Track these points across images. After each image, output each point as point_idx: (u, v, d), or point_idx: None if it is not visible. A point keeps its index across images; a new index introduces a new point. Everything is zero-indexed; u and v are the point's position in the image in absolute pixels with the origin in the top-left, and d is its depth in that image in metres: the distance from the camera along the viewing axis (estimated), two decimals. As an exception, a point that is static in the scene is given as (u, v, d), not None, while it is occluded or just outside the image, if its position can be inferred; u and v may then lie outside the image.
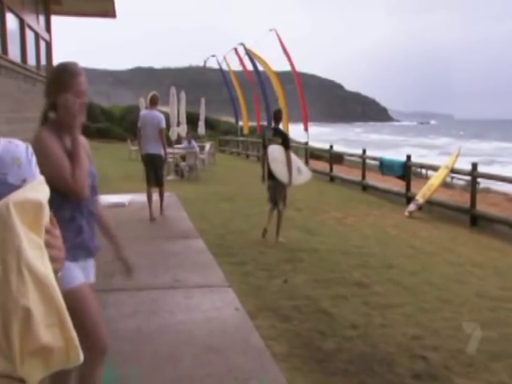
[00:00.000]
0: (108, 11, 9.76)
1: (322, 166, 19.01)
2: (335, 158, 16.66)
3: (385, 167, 12.23)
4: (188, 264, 5.80)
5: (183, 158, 15.35)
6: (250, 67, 22.83)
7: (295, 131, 20.34)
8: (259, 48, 21.90)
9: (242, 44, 21.57)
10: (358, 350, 3.83)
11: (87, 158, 2.42)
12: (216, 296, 4.81)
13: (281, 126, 7.88)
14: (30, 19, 6.89)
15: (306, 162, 17.85)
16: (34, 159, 1.16)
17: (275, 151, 7.36)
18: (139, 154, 9.55)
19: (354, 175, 15.44)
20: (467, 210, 9.16)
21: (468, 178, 10.32)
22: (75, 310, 2.31)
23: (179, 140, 17.84)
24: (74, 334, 1.09)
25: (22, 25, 6.47)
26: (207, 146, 18.73)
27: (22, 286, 1.01)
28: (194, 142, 16.07)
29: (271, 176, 7.46)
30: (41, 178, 1.19)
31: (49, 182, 2.29)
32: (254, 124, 26.96)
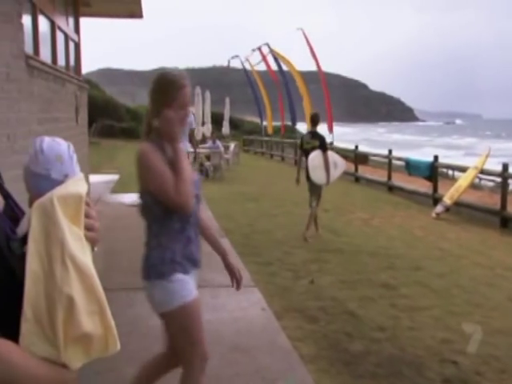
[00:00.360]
0: (135, 12, 9.88)
1: (348, 166, 18.86)
2: (360, 158, 16.52)
3: (411, 167, 12.07)
4: (214, 263, 5.77)
5: (208, 157, 15.42)
6: (274, 67, 22.82)
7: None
8: (284, 47, 21.89)
9: (267, 44, 21.54)
10: (386, 352, 3.78)
11: (189, 167, 2.33)
12: (242, 296, 4.80)
13: (318, 129, 8.03)
14: (60, 21, 7.01)
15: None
16: (75, 157, 1.22)
17: (315, 159, 7.53)
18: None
19: (379, 175, 15.29)
20: (497, 212, 8.97)
21: (498, 179, 10.09)
22: (188, 325, 2.28)
23: (204, 140, 17.94)
24: (112, 322, 1.12)
25: (53, 27, 6.59)
26: (232, 145, 18.78)
27: (65, 275, 1.05)
28: (218, 142, 16.14)
29: (309, 177, 7.64)
30: (81, 175, 1.24)
31: (155, 195, 2.24)
32: (278, 124, 26.93)
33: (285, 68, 21.60)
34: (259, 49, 22.92)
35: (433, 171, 11.09)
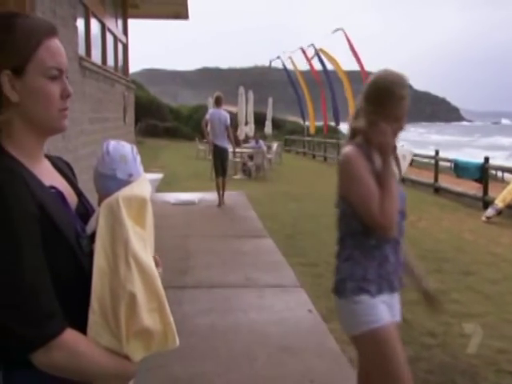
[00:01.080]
0: (181, 13, 10.01)
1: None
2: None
3: (460, 169, 11.70)
4: (259, 263, 5.82)
5: (251, 157, 15.47)
6: (317, 67, 22.68)
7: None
8: (324, 47, 21.71)
9: (312, 44, 21.42)
10: (437, 359, 3.67)
11: (396, 184, 2.08)
12: (288, 296, 4.78)
13: None
14: (110, 23, 7.17)
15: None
16: (138, 158, 1.29)
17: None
18: (207, 153, 10.56)
19: (423, 177, 14.92)
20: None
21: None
22: (376, 353, 2.05)
23: (247, 139, 18.01)
24: (171, 319, 1.19)
25: (104, 29, 6.75)
26: (274, 145, 18.78)
27: (128, 273, 1.12)
28: (261, 142, 16.17)
29: None
30: (144, 175, 1.30)
31: (352, 206, 2.07)
32: (319, 124, 26.73)
33: (329, 67, 21.42)
34: (302, 48, 22.81)
35: (483, 173, 10.72)
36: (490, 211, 9.32)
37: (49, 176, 1.16)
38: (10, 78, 1.07)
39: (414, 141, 63.79)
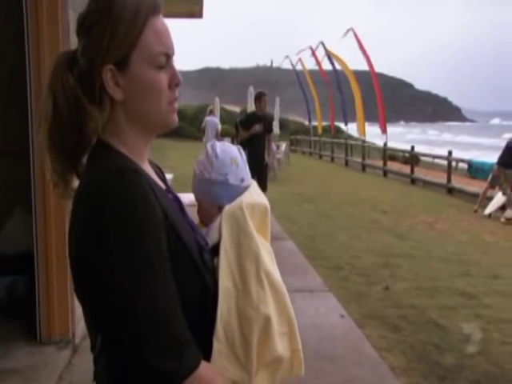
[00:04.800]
0: (195, 12, 9.88)
1: (397, 167, 18.44)
2: (410, 159, 16.05)
3: (474, 170, 11.60)
4: (283, 266, 5.67)
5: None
6: (325, 66, 22.58)
7: (370, 132, 19.88)
8: (331, 47, 21.58)
9: (322, 43, 21.30)
10: (482, 368, 3.56)
11: None
12: (318, 301, 4.67)
13: None
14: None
15: (385, 163, 17.35)
16: (245, 159, 1.16)
17: None
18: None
19: (433, 177, 14.82)
20: None
21: None
22: None
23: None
24: (300, 345, 1.07)
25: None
26: (283, 145, 18.66)
27: (261, 293, 0.98)
28: (272, 142, 16.04)
29: None
30: (253, 181, 1.17)
31: None
32: (325, 124, 26.61)
33: (338, 67, 21.30)
34: (311, 48, 22.70)
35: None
36: (508, 212, 9.20)
37: (156, 181, 1.00)
38: (113, 74, 0.90)
39: (421, 140, 63.12)
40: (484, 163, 11.52)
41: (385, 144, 17.52)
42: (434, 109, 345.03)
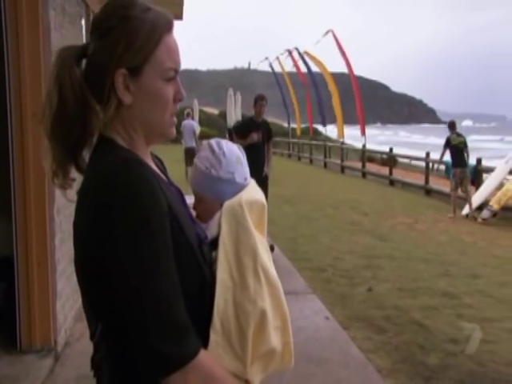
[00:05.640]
0: (176, 14, 9.80)
1: (376, 168, 18.62)
2: (389, 160, 16.25)
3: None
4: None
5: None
6: (304, 69, 22.67)
7: (348, 134, 20.04)
8: (310, 50, 21.70)
9: (296, 48, 21.39)
10: (465, 367, 3.59)
11: None
12: (302, 303, 4.67)
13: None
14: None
15: (363, 165, 17.51)
16: (246, 158, 1.19)
17: None
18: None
19: (411, 178, 15.02)
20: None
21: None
22: None
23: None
24: (291, 338, 1.08)
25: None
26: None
27: (258, 287, 1.00)
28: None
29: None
30: (252, 179, 1.19)
31: None
32: (304, 126, 26.73)
33: (316, 69, 21.42)
34: (289, 51, 22.79)
35: (476, 175, 10.79)
36: (485, 213, 9.38)
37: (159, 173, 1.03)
38: (124, 78, 0.93)
39: (398, 142, 63.95)
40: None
41: (363, 146, 17.68)
42: (409, 110, 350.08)
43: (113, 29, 0.92)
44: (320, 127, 25.19)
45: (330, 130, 23.93)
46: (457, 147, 9.68)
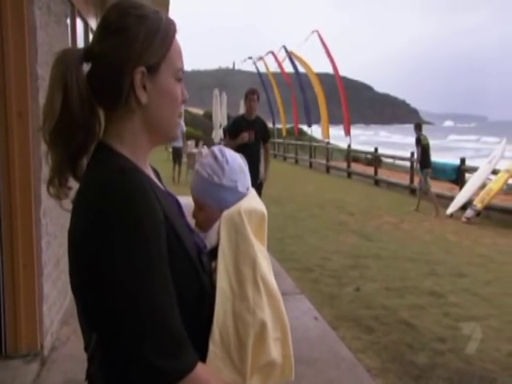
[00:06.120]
0: (160, 13, 9.77)
1: (361, 168, 18.74)
2: (374, 160, 16.36)
3: (436, 171, 11.87)
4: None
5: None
6: (288, 69, 22.71)
7: (332, 134, 20.10)
8: (295, 50, 21.72)
9: (284, 47, 21.41)
10: (453, 365, 3.63)
11: None
12: (291, 304, 4.66)
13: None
14: (92, 23, 6.90)
15: (349, 165, 17.61)
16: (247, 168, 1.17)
17: None
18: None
19: (396, 178, 15.13)
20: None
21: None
22: None
23: (220, 142, 17.82)
24: (291, 351, 1.07)
25: (87, 28, 6.48)
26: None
27: (258, 298, 0.98)
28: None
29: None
30: (252, 188, 1.18)
31: None
32: (288, 126, 26.75)
33: (301, 70, 21.45)
34: (273, 52, 22.80)
35: (459, 174, 10.92)
36: (469, 212, 9.49)
37: (156, 182, 1.01)
38: (142, 77, 0.91)
39: (381, 142, 64.42)
40: (445, 164, 11.84)
41: (349, 146, 17.78)
42: (393, 111, 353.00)
43: (131, 27, 0.91)
44: (305, 127, 25.24)
45: (315, 130, 23.99)
46: (425, 147, 10.12)
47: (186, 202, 1.21)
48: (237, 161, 1.13)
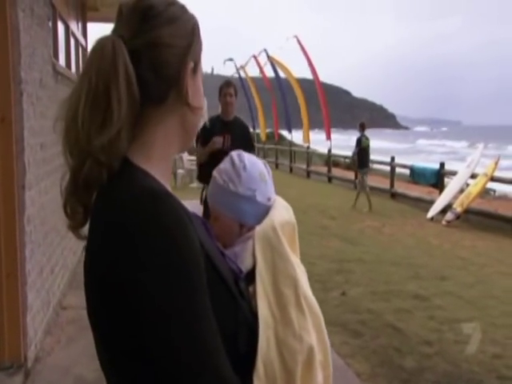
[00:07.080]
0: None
1: (341, 173, 18.86)
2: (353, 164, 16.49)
3: (416, 175, 12.04)
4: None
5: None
6: (269, 74, 22.76)
7: (312, 139, 20.19)
8: (274, 55, 21.82)
9: (265, 50, 21.45)
10: (440, 368, 3.66)
11: None
12: (278, 309, 4.65)
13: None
14: (73, 26, 6.82)
15: (329, 170, 17.71)
16: (271, 175, 1.08)
17: None
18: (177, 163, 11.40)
19: (376, 182, 15.26)
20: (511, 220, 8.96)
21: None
22: None
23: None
24: (331, 371, 0.97)
25: (68, 31, 6.39)
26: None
27: (303, 320, 0.89)
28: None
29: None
30: (277, 196, 1.10)
31: None
32: (268, 131, 26.80)
33: (282, 75, 21.53)
34: (255, 56, 22.84)
35: (439, 178, 11.08)
36: (449, 215, 9.62)
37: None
38: (191, 73, 0.81)
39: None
40: (425, 168, 12.01)
41: (329, 150, 17.88)
42: (370, 115, 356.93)
43: (180, 17, 0.80)
44: (285, 132, 25.32)
45: (294, 136, 24.11)
46: (365, 148, 10.76)
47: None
48: (258, 167, 1.03)
